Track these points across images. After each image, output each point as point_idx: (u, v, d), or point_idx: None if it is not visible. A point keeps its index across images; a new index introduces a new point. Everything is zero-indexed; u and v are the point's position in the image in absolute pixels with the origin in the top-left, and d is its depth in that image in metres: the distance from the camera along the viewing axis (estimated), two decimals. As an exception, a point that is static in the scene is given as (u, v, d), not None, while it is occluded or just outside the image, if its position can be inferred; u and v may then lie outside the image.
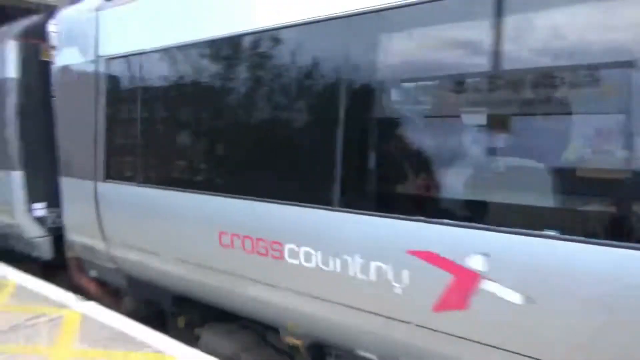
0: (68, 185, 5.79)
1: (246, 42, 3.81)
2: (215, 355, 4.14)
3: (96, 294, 6.19)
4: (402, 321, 3.05)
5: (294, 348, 4.04)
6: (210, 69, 4.16)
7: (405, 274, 2.93)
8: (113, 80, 5.11)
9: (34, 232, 6.52)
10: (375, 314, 3.17)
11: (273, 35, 3.60)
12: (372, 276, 3.07)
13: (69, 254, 6.25)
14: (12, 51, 6.44)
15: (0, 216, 6.95)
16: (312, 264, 3.37)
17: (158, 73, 4.65)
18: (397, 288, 2.97)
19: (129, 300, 6.00)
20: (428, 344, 3.02)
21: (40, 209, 6.47)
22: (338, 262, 3.22)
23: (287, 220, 3.54)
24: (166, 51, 4.45)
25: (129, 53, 4.84)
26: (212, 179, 4.30)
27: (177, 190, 4.38)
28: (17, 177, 6.44)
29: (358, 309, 3.26)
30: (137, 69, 4.81)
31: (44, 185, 6.35)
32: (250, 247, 3.74)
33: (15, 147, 6.45)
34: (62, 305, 5.15)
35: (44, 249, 6.55)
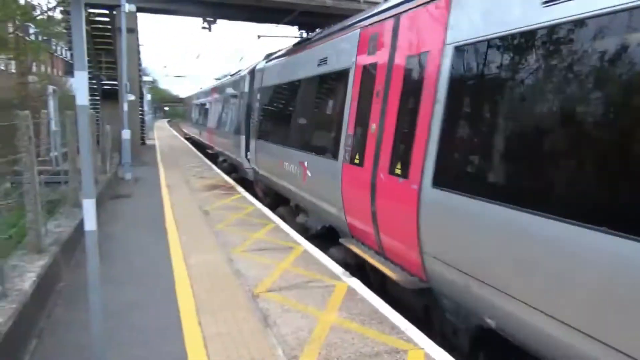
0: (250, 142, 12.26)
1: (297, 84, 8.82)
2: (276, 213, 9.42)
3: (261, 194, 11.96)
4: (300, 187, 8.00)
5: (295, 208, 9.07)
6: (285, 93, 9.69)
7: (299, 170, 7.86)
8: (258, 96, 11.63)
9: (246, 166, 12.84)
10: (297, 187, 8.18)
11: (300, 82, 8.61)
12: (294, 171, 8.15)
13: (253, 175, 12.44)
14: (246, 79, 13.52)
15: (236, 158, 14.27)
16: (288, 169, 8.53)
17: (273, 96, 10.51)
18: (298, 175, 7.89)
19: (269, 198, 11.28)
20: (305, 196, 7.86)
21: (248, 154, 12.60)
22: (291, 167, 8.37)
23: (283, 152, 8.86)
24: (278, 85, 10.05)
25: (263, 87, 11.26)
26: (274, 138, 9.89)
27: (267, 141, 10.36)
28: (242, 139, 13.28)
29: (295, 185, 8.31)
30: (264, 94, 11.13)
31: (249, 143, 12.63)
32: (280, 164, 9.02)
33: (243, 124, 13.30)
34: (335, 276, 5.62)
35: (250, 174, 12.62)
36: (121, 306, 4.72)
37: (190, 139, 31.78)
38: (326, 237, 7.31)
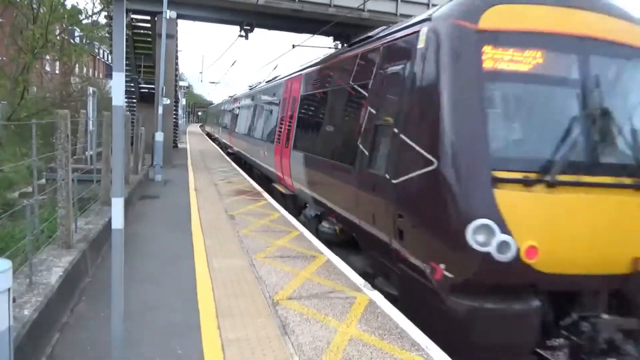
0: (223, 129, 29.66)
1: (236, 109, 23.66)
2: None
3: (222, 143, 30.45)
4: (227, 140, 26.30)
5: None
6: (233, 111, 24.67)
7: (225, 136, 27.58)
8: (226, 111, 30.29)
9: (220, 138, 31.31)
10: (229, 142, 24.66)
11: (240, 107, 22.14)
12: (223, 134, 29.93)
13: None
14: (224, 103, 33.75)
15: (218, 136, 34.08)
16: (220, 134, 31.90)
17: (232, 112, 25.03)
18: (226, 137, 27.84)
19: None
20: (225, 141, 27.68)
21: (221, 132, 29.97)
22: (220, 132, 31.88)
23: (226, 131, 26.42)
24: (232, 108, 25.44)
25: (231, 107, 26.40)
26: (230, 127, 24.54)
27: (225, 128, 27.78)
28: (221, 128, 31.42)
29: (226, 139, 26.88)
30: (229, 110, 27.76)
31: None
32: (224, 134, 27.93)
33: (222, 122, 30.95)
34: (357, 288, 5.53)
35: (221, 141, 30.82)
36: (142, 305, 4.77)
37: (208, 134, 47.37)
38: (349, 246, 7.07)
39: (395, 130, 5.24)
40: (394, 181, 5.11)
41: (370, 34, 7.42)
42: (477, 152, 4.40)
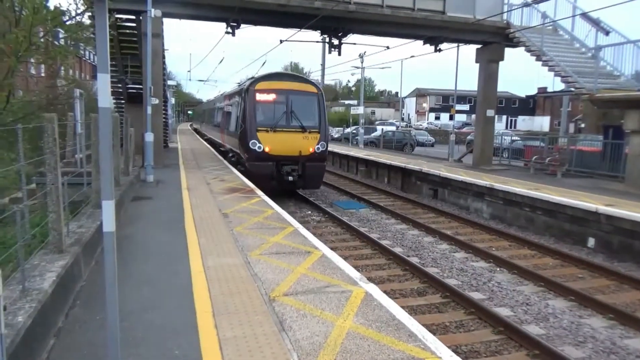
0: (201, 124, 46.40)
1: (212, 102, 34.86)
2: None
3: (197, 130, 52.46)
4: (204, 131, 40.68)
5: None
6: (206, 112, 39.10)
7: (203, 126, 43.97)
8: (202, 112, 49.81)
9: (199, 129, 49.44)
10: (206, 131, 36.83)
11: (213, 101, 33.58)
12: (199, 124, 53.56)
13: None
14: (202, 105, 55.14)
15: (199, 127, 50.49)
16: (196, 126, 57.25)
17: (206, 112, 40.66)
18: (203, 128, 44.15)
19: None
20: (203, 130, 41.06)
21: (202, 126, 44.51)
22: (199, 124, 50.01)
23: (201, 124, 45.06)
24: (204, 109, 44.45)
25: (206, 108, 42.36)
26: (203, 122, 42.15)
27: (201, 123, 44.79)
28: (203, 123, 43.25)
29: (204, 130, 40.08)
30: (204, 111, 44.92)
31: None
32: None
33: (201, 119, 47.62)
34: (352, 282, 5.55)
35: (198, 130, 51.96)
36: (138, 306, 4.75)
37: (195, 130, 54.76)
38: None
39: (240, 119, 16.04)
40: (239, 133, 16.10)
41: (239, 83, 22.78)
42: (253, 123, 15.07)
